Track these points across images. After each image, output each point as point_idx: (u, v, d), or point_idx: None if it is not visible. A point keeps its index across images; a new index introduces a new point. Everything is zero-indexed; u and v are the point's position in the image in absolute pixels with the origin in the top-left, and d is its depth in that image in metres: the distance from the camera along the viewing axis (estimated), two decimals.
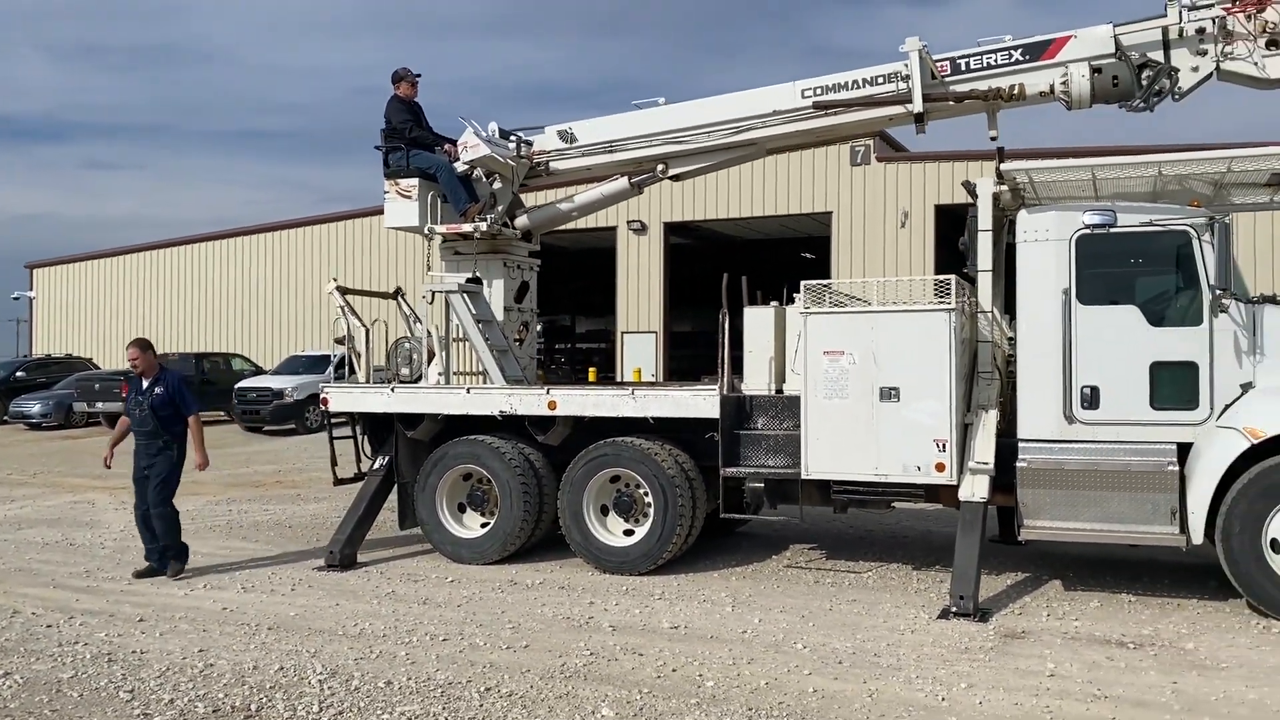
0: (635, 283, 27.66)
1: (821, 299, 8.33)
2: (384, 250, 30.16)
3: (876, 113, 8.91)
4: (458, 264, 10.27)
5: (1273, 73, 7.73)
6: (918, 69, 8.47)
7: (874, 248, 24.68)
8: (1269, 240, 20.54)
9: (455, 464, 9.38)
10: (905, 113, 8.71)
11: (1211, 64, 7.88)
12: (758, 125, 9.33)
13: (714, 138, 9.54)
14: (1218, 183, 8.11)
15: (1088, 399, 7.56)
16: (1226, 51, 7.81)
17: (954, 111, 8.79)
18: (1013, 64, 8.38)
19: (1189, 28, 7.89)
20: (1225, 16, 7.76)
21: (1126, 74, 8.02)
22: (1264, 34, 7.67)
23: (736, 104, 9.43)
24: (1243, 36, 7.73)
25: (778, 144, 9.72)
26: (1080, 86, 8.12)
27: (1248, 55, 7.74)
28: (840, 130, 9.43)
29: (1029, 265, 7.79)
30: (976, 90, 8.44)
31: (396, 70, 10.36)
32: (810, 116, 9.09)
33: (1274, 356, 7.29)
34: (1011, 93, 8.33)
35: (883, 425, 7.91)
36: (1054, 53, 8.24)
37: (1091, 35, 8.16)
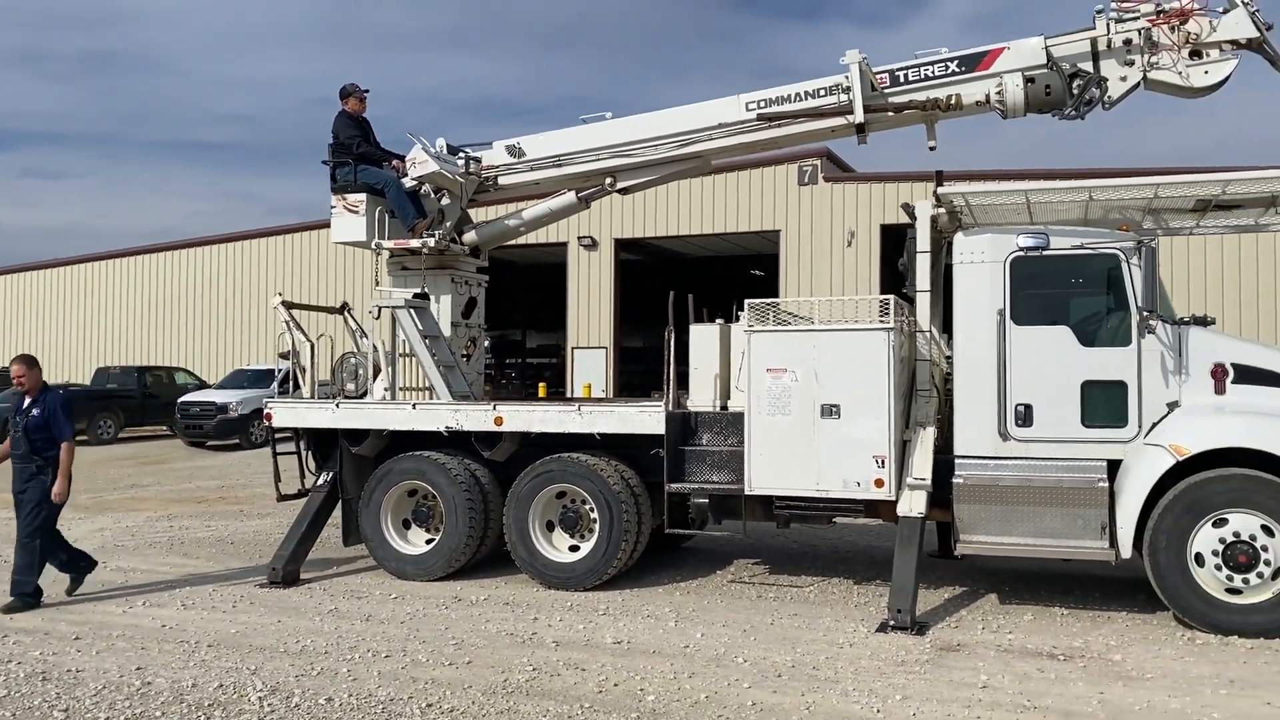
0: (586, 298, 27.73)
1: (765, 317, 8.46)
2: (331, 264, 29.94)
3: (819, 124, 9.08)
4: (405, 279, 10.27)
5: (1196, 81, 8.03)
6: (858, 81, 8.67)
7: (821, 266, 25.00)
8: (1202, 263, 21.13)
9: (400, 480, 9.36)
10: (847, 124, 8.89)
11: (1139, 74, 8.16)
12: (703, 138, 9.47)
13: (661, 151, 9.66)
14: (1146, 208, 8.37)
15: (1022, 417, 7.76)
16: (1153, 62, 8.10)
17: (894, 122, 8.99)
18: (949, 75, 8.61)
19: (1116, 39, 8.17)
20: (1150, 28, 8.06)
21: (1058, 83, 8.28)
22: (1187, 45, 7.98)
23: (682, 117, 9.56)
24: (1167, 47, 8.03)
25: (723, 156, 9.88)
26: (1015, 96, 8.36)
27: (1172, 65, 8.04)
28: (784, 142, 9.58)
29: (965, 286, 7.99)
30: (915, 101, 8.66)
31: (344, 86, 10.37)
32: (755, 129, 9.25)
33: (1198, 376, 7.54)
34: (949, 103, 8.55)
35: (824, 441, 8.05)
36: (989, 64, 8.49)
37: (1024, 47, 8.42)
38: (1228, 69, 7.97)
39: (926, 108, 8.62)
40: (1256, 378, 7.51)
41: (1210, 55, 7.97)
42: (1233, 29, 7.88)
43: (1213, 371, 7.54)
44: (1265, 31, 7.83)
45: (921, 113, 8.69)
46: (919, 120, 8.85)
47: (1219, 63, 7.96)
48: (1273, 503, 6.97)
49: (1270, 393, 7.44)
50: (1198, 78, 8.01)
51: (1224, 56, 7.95)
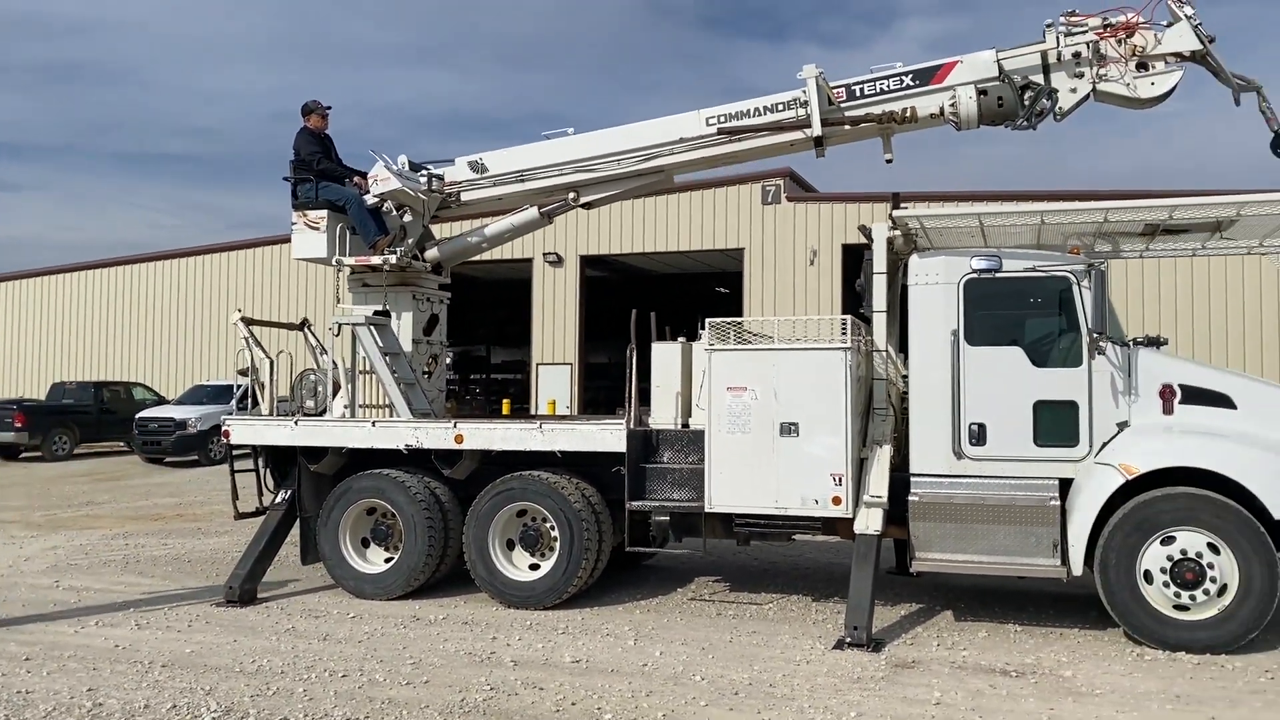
0: (551, 314, 27.74)
1: (726, 336, 8.53)
2: (292, 280, 29.75)
3: (778, 138, 9.18)
4: (366, 296, 10.25)
5: (1143, 93, 8.25)
6: (815, 94, 8.79)
7: (784, 284, 25.20)
8: (1156, 284, 21.52)
9: (359, 498, 9.32)
10: (805, 138, 9.00)
11: (1088, 86, 8.36)
12: (665, 153, 9.55)
13: (624, 165, 9.73)
14: (1096, 231, 8.55)
15: (975, 435, 7.89)
16: (1101, 74, 8.31)
17: (851, 136, 9.11)
18: (905, 89, 8.76)
19: (1066, 52, 8.37)
20: (1098, 41, 8.27)
21: (1010, 95, 8.44)
22: (1134, 57, 8.20)
23: (644, 132, 9.64)
24: (1115, 60, 8.25)
25: (685, 170, 9.94)
26: (968, 108, 8.52)
27: (1120, 77, 8.25)
28: (744, 156, 9.65)
29: (920, 307, 8.12)
30: (871, 114, 8.80)
31: (307, 103, 10.35)
32: (715, 143, 9.35)
33: (1147, 397, 7.71)
34: (904, 115, 8.69)
35: (783, 459, 8.12)
36: (942, 77, 8.66)
37: (977, 60, 8.60)
38: (1173, 80, 8.20)
39: (882, 121, 8.76)
40: (1203, 398, 7.68)
41: (1156, 67, 8.20)
42: (1176, 42, 8.12)
43: (1161, 392, 7.70)
44: (1208, 44, 8.06)
45: (878, 126, 8.83)
46: (876, 134, 8.99)
47: (1165, 74, 8.19)
48: (1218, 520, 7.13)
49: (1216, 413, 7.62)
50: (1145, 89, 8.23)
51: (1169, 68, 8.18)
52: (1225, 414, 7.61)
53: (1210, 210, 7.95)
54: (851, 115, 8.86)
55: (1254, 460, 7.24)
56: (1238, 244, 8.88)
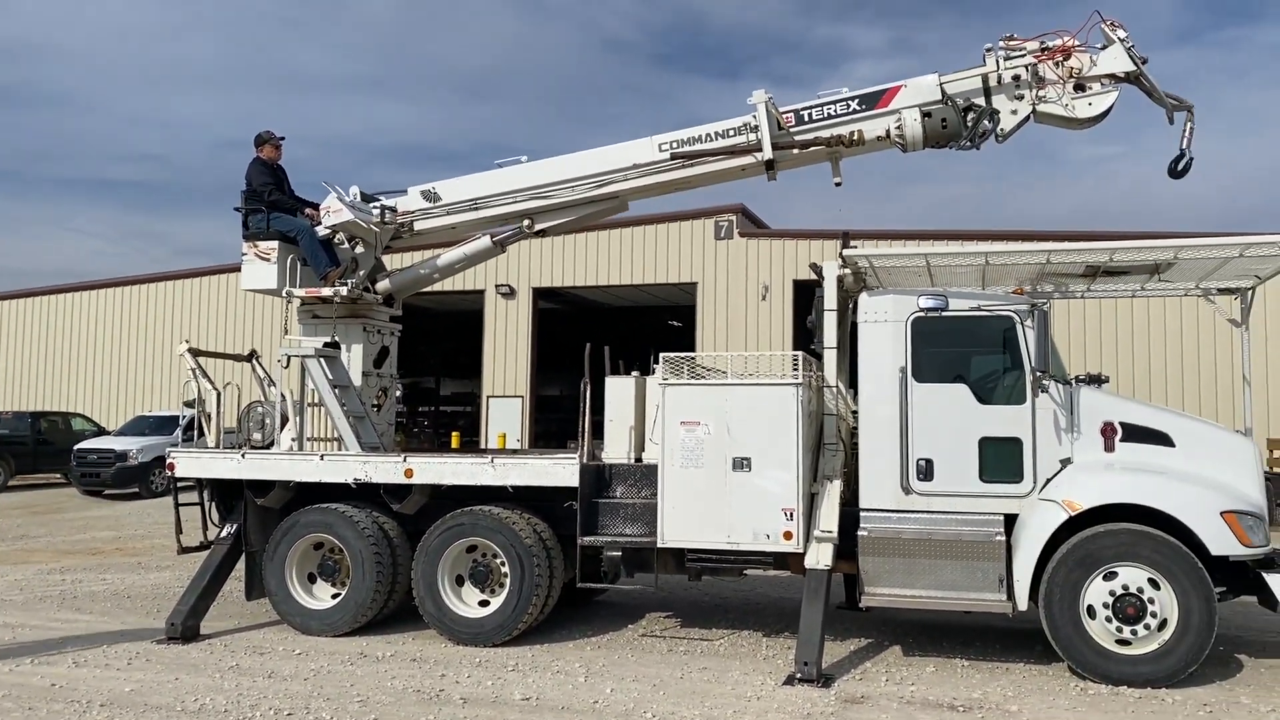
0: (502, 346, 27.64)
1: (680, 370, 8.58)
2: (240, 310, 29.36)
3: (730, 163, 9.30)
4: (316, 328, 10.16)
5: (1081, 113, 8.51)
6: (765, 119, 8.94)
7: (737, 318, 25.38)
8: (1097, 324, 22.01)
9: (306, 533, 9.19)
10: (756, 162, 9.12)
11: (1028, 107, 8.62)
12: (619, 179, 9.63)
13: (578, 192, 9.77)
14: (1040, 272, 8.75)
15: (923, 471, 8.00)
16: (1040, 95, 8.56)
17: (801, 160, 9.26)
18: (851, 113, 8.94)
19: (1006, 75, 8.62)
20: (1036, 64, 8.53)
21: (954, 117, 8.65)
22: (1071, 79, 8.47)
23: (598, 159, 9.71)
24: (1053, 82, 8.51)
25: (639, 196, 9.98)
26: (913, 130, 8.70)
27: (1058, 99, 8.51)
28: (697, 181, 9.72)
29: (869, 344, 8.25)
30: (820, 138, 8.96)
31: (260, 133, 10.30)
32: (668, 168, 9.44)
33: (1089, 434, 7.88)
34: (852, 139, 8.88)
35: (735, 494, 8.16)
36: (888, 101, 8.86)
37: (920, 84, 8.81)
38: (1109, 101, 8.48)
39: (831, 144, 8.93)
40: (1143, 436, 7.86)
41: (1093, 88, 8.48)
42: (1111, 63, 8.40)
43: (1102, 430, 7.88)
44: (1141, 65, 8.36)
45: (827, 149, 8.99)
46: (825, 157, 9.16)
47: (1101, 95, 8.46)
48: (1158, 556, 7.28)
49: (1155, 450, 7.81)
50: (1082, 109, 8.50)
51: (1105, 89, 8.46)
52: (1164, 451, 7.80)
53: (1148, 254, 8.18)
54: (801, 139, 9.03)
55: (1192, 497, 7.42)
56: (1176, 286, 9.14)
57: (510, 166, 9.96)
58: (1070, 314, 21.37)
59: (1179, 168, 8.37)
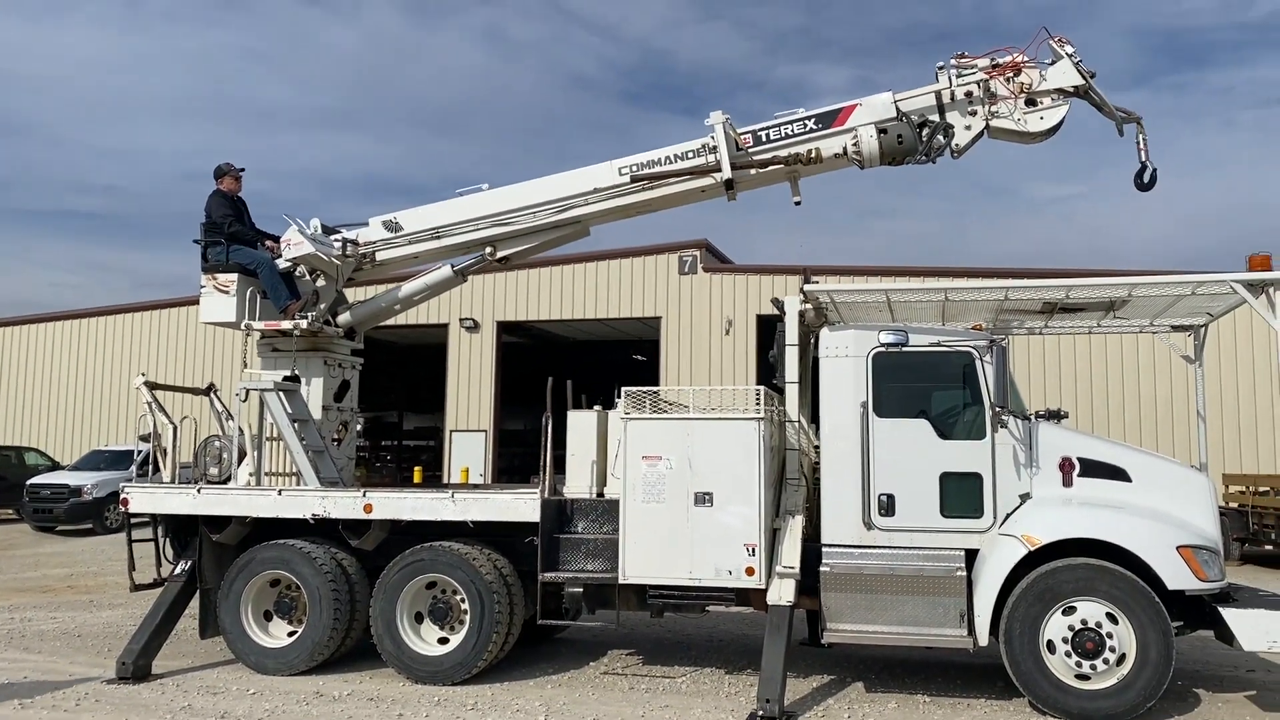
0: (466, 380, 27.50)
1: (642, 404, 8.57)
2: (200, 343, 29.00)
3: (691, 184, 9.34)
4: (276, 361, 10.05)
5: (1033, 127, 8.64)
6: (723, 139, 9.01)
7: (700, 353, 25.45)
8: (1056, 359, 22.29)
9: (262, 569, 9.03)
10: (716, 183, 9.19)
11: (982, 122, 8.74)
12: (580, 203, 9.64)
13: (539, 218, 9.76)
14: (998, 308, 8.86)
15: (885, 506, 8.02)
16: (993, 111, 8.69)
17: (760, 180, 9.31)
18: (808, 132, 9.03)
19: (958, 92, 8.75)
20: (988, 80, 8.67)
21: (909, 133, 8.74)
22: (1022, 94, 8.61)
23: (559, 184, 9.72)
24: (1005, 97, 8.64)
25: (601, 221, 9.97)
26: (869, 146, 8.80)
27: (1010, 113, 8.64)
28: (658, 204, 9.74)
29: (831, 379, 8.29)
30: (779, 156, 9.02)
31: (220, 165, 10.25)
32: (629, 191, 9.47)
33: (1048, 469, 7.95)
34: (810, 157, 8.96)
35: (697, 529, 8.13)
36: (843, 120, 8.96)
37: (875, 102, 8.92)
38: (1060, 114, 8.61)
39: (789, 163, 9.00)
40: (1100, 471, 7.94)
41: (1044, 103, 8.61)
42: (1060, 78, 8.54)
43: (1061, 465, 7.95)
44: (1089, 79, 8.51)
45: (785, 168, 9.07)
46: (784, 177, 9.24)
47: (1052, 109, 8.59)
48: (1116, 591, 7.33)
49: (1112, 485, 7.88)
50: (1034, 124, 8.63)
51: (1056, 104, 8.60)
52: (1121, 486, 7.88)
53: (1103, 290, 8.32)
54: (759, 159, 9.10)
55: (1148, 531, 7.49)
56: (1131, 323, 9.28)
57: (471, 195, 9.94)
58: (1030, 350, 21.63)
59: (1145, 179, 8.48)
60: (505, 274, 26.05)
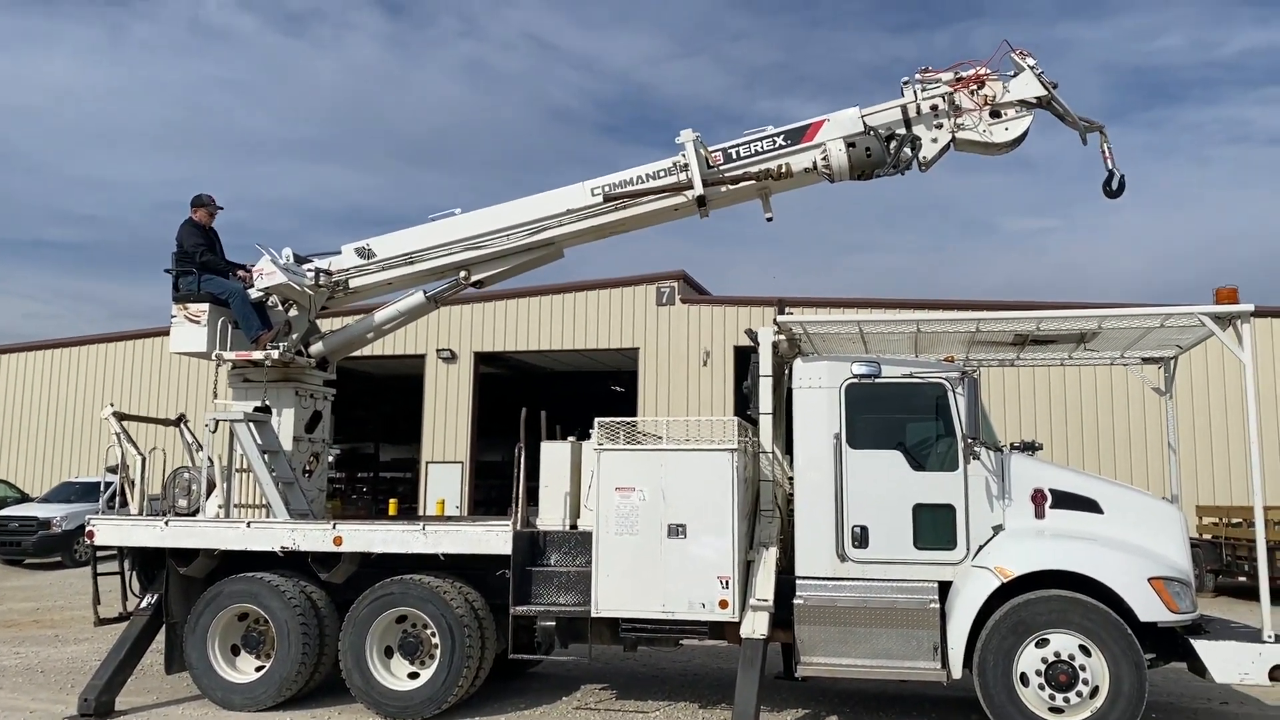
0: (443, 411, 27.34)
1: (616, 435, 8.52)
2: (171, 374, 28.72)
3: (663, 202, 9.36)
4: (247, 392, 9.96)
5: (998, 138, 8.74)
6: (694, 156, 9.05)
7: (678, 383, 25.43)
8: (1031, 390, 22.42)
9: (230, 603, 8.90)
10: (689, 201, 9.21)
11: (948, 135, 8.83)
12: (553, 224, 9.64)
13: (513, 240, 9.75)
14: (970, 340, 8.90)
15: (858, 538, 7.99)
16: (959, 123, 8.80)
17: (732, 197, 9.35)
18: (778, 149, 9.08)
19: (924, 105, 8.84)
20: (953, 93, 8.77)
21: (877, 146, 8.81)
22: (986, 106, 8.71)
23: (532, 206, 9.72)
24: (970, 110, 8.75)
25: (574, 242, 9.96)
26: (839, 160, 8.85)
27: (976, 125, 8.74)
28: (631, 224, 9.75)
29: (804, 410, 8.28)
30: (749, 172, 9.07)
31: (198, 195, 10.22)
32: (602, 211, 9.47)
33: (1020, 501, 7.95)
34: (780, 172, 9.00)
35: (670, 562, 8.07)
36: (812, 135, 9.02)
37: (842, 117, 8.99)
38: (1024, 125, 8.72)
39: (760, 177, 9.04)
40: (1072, 503, 7.95)
41: (1008, 114, 8.72)
42: (1023, 89, 8.66)
43: (1033, 497, 7.96)
44: (1052, 90, 8.62)
45: (756, 184, 9.11)
46: (755, 194, 9.29)
47: (1016, 120, 8.71)
48: (1089, 623, 7.32)
49: (1084, 517, 7.89)
50: (999, 134, 8.74)
51: (1020, 114, 8.71)
52: (1093, 518, 7.89)
53: (1074, 323, 8.38)
54: (731, 175, 9.14)
55: (1120, 563, 7.50)
56: (1102, 355, 9.34)
57: (444, 219, 9.93)
58: (1005, 381, 21.75)
59: (1113, 187, 8.58)
60: (483, 304, 26.03)
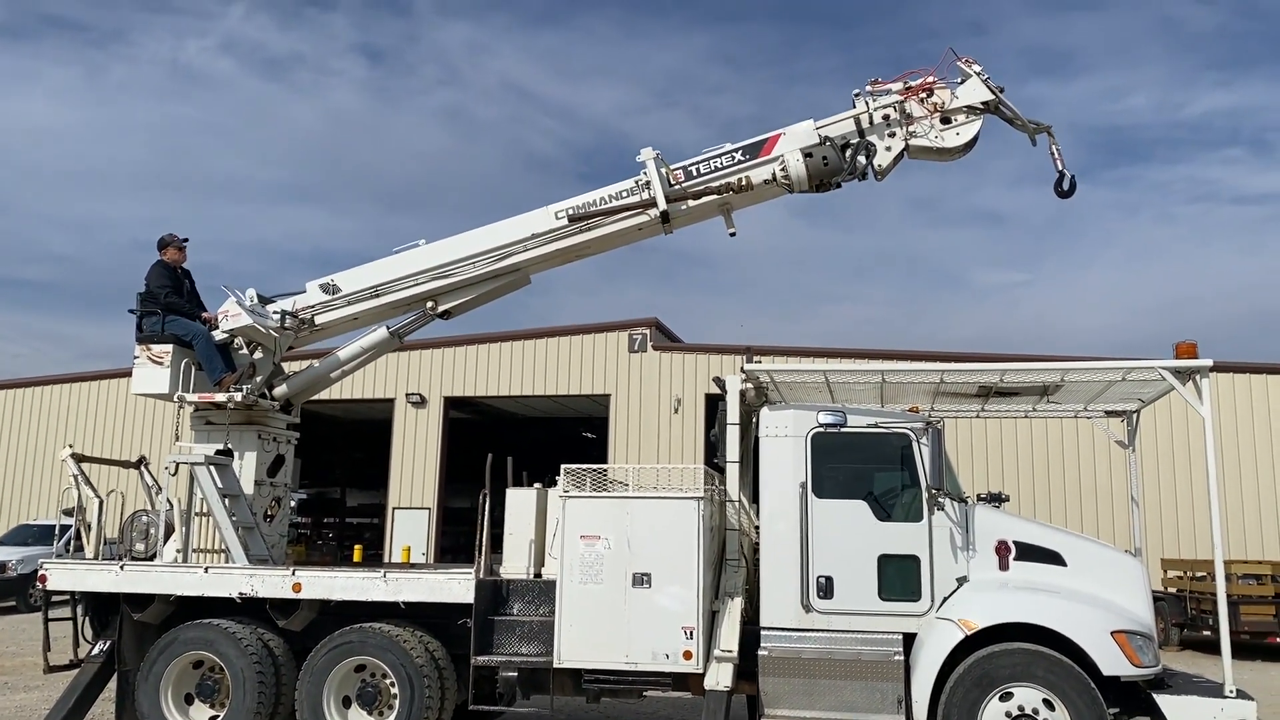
0: (411, 456, 27.12)
1: (582, 482, 8.46)
2: (135, 415, 28.36)
3: (627, 221, 9.38)
4: (209, 434, 9.82)
5: (950, 143, 8.88)
6: (655, 172, 9.13)
7: (649, 430, 25.40)
8: (999, 441, 22.57)
9: (185, 650, 8.70)
10: (653, 219, 9.26)
11: (901, 143, 8.96)
12: (518, 249, 9.61)
13: (479, 267, 9.70)
14: (935, 391, 8.95)
15: (823, 588, 7.95)
16: (911, 131, 8.93)
17: (695, 214, 9.39)
18: (737, 164, 9.17)
19: (876, 115, 8.98)
20: (903, 101, 8.92)
21: (833, 154, 8.92)
22: (937, 113, 8.87)
23: (497, 233, 9.69)
24: (920, 117, 8.89)
25: (540, 266, 9.93)
26: (797, 170, 8.94)
27: (927, 132, 8.88)
28: (597, 245, 9.74)
29: (770, 459, 8.27)
30: (711, 187, 9.15)
31: (163, 236, 10.15)
32: (567, 233, 9.47)
33: (984, 553, 7.96)
34: (741, 185, 9.08)
35: (634, 612, 7.99)
36: (769, 149, 9.12)
37: (797, 130, 9.11)
38: (975, 129, 8.88)
39: (722, 191, 9.12)
40: (1036, 555, 7.96)
41: (958, 120, 8.87)
42: (971, 94, 8.83)
43: (997, 549, 7.97)
44: (999, 93, 8.80)
45: (718, 198, 9.17)
46: (717, 209, 9.34)
47: (967, 124, 8.86)
48: (1052, 676, 7.30)
49: (1048, 569, 7.90)
50: (951, 139, 8.88)
51: (970, 119, 8.86)
52: (1057, 570, 7.90)
53: (1037, 375, 8.45)
54: (693, 190, 9.21)
55: (1083, 616, 7.50)
56: (1065, 408, 9.43)
57: (409, 250, 9.87)
58: (972, 433, 21.87)
59: (1064, 187, 8.73)
60: (454, 349, 25.98)
